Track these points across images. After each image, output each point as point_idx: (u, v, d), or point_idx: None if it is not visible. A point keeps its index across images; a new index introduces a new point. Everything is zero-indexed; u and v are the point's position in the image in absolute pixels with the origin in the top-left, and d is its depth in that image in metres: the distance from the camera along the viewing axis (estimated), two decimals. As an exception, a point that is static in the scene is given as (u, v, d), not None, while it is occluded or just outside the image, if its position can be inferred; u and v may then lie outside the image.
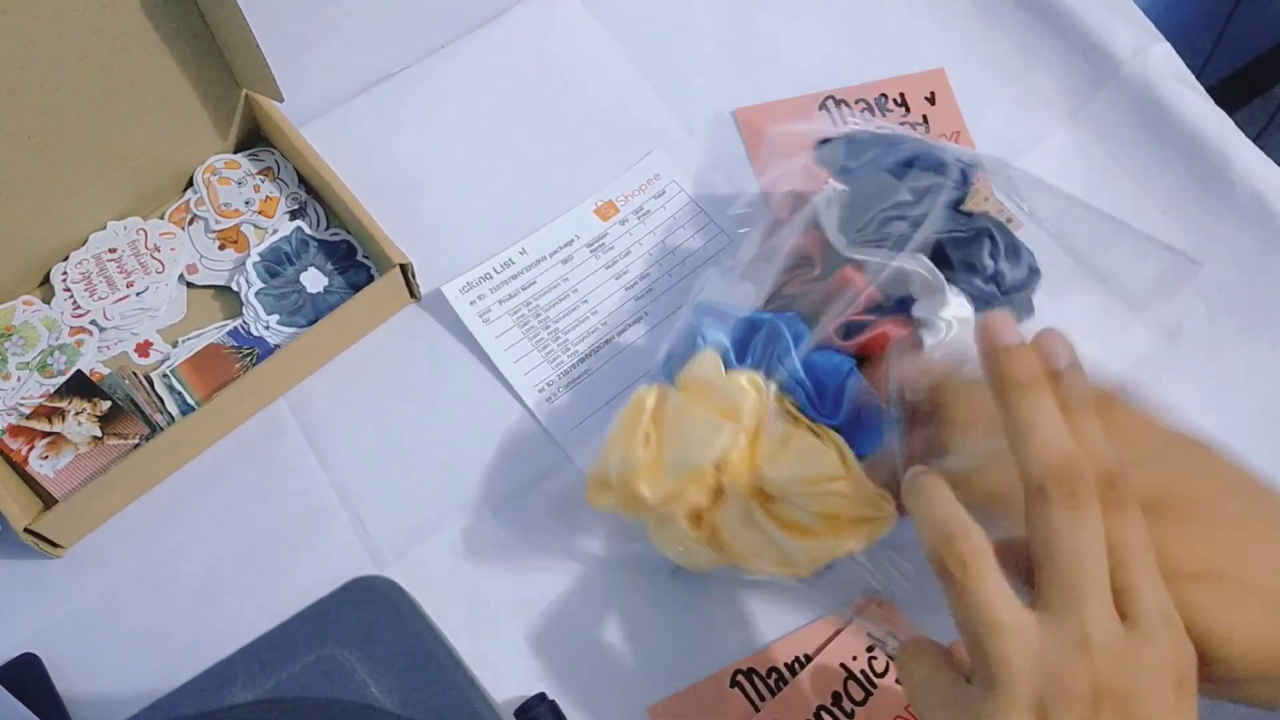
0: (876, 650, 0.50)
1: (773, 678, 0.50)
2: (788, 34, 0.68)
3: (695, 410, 0.46)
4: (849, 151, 0.54)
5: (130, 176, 0.60)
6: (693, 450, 0.45)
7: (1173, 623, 0.33)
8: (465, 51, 0.67)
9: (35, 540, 0.52)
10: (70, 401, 0.56)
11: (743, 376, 0.47)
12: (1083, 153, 0.63)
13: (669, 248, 0.61)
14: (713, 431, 0.45)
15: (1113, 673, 0.32)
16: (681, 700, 0.50)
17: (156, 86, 0.57)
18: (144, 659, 0.52)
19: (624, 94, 0.66)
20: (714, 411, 0.46)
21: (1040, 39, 0.66)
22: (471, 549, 0.54)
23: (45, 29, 0.50)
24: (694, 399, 0.47)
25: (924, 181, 0.50)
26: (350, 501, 0.55)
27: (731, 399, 0.46)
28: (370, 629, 0.48)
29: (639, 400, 0.48)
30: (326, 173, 0.59)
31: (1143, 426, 0.39)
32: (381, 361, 0.59)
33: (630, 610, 0.52)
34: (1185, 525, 0.36)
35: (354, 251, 0.61)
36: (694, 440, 0.46)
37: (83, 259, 0.60)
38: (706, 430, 0.45)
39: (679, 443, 0.46)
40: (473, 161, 0.64)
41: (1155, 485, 0.36)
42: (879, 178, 0.51)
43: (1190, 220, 0.60)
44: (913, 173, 0.51)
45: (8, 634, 0.53)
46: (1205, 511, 0.37)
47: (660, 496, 0.46)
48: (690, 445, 0.46)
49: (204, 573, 0.54)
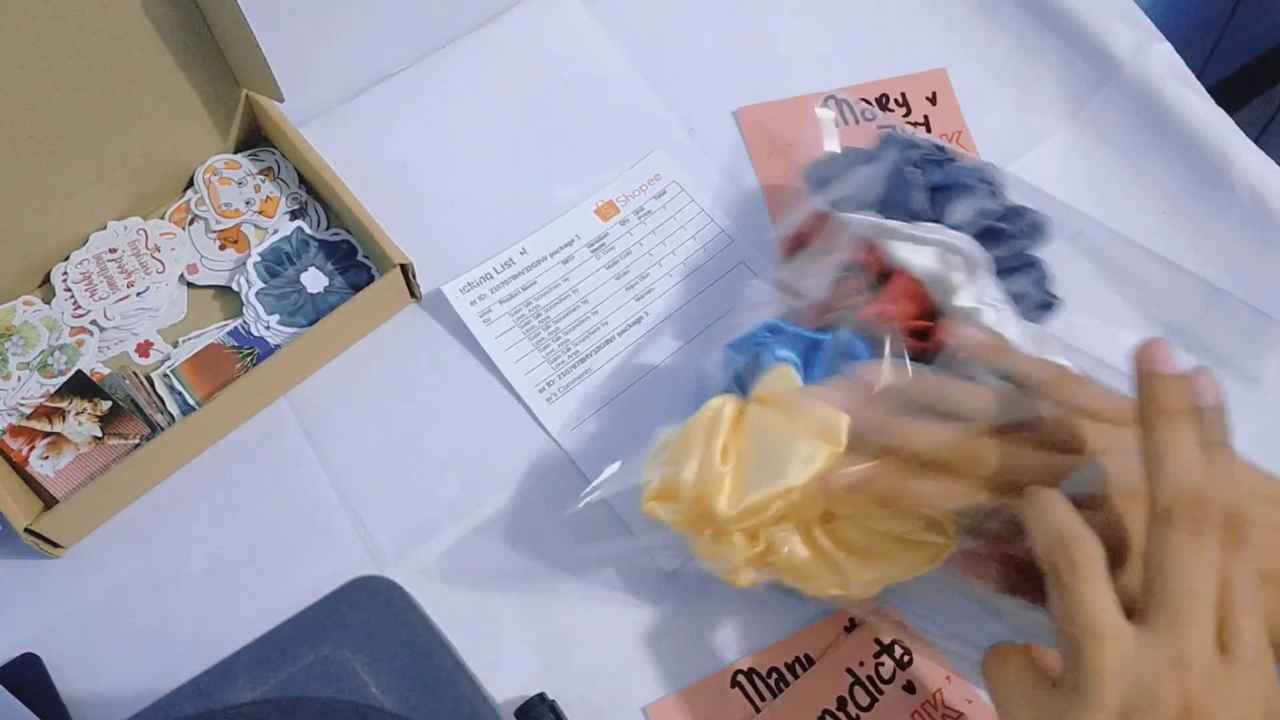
0: (884, 656, 0.50)
1: (773, 678, 0.50)
2: (789, 34, 0.68)
3: (783, 427, 0.44)
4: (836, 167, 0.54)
5: (130, 176, 0.60)
6: (783, 469, 0.43)
7: (1268, 666, 0.34)
8: (465, 51, 0.67)
9: (35, 540, 0.52)
10: (71, 401, 0.56)
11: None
12: (1083, 153, 0.63)
13: (670, 248, 0.61)
14: (809, 451, 0.43)
15: (1204, 697, 0.33)
16: (681, 700, 0.50)
17: (156, 86, 0.57)
18: (144, 659, 0.52)
19: (624, 94, 0.66)
20: (802, 430, 0.44)
21: (1040, 39, 0.66)
22: (471, 549, 0.54)
23: (45, 29, 0.50)
24: (778, 415, 0.45)
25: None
26: (350, 501, 0.55)
27: (822, 419, 0.44)
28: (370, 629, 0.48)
29: (715, 410, 0.46)
30: (326, 173, 0.59)
31: (1260, 481, 0.40)
32: (382, 361, 0.59)
33: (630, 610, 0.52)
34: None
35: (354, 251, 0.61)
36: (784, 458, 0.43)
37: (83, 259, 0.60)
38: (801, 449, 0.43)
39: (766, 459, 0.44)
40: (473, 161, 0.64)
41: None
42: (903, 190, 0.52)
43: (1190, 220, 0.60)
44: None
45: (8, 634, 0.53)
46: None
47: (738, 513, 0.44)
48: (780, 463, 0.43)
49: (204, 573, 0.54)
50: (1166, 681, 0.33)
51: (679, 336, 0.58)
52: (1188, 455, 0.35)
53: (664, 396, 0.57)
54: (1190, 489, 0.35)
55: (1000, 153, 0.62)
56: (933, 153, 0.53)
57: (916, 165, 0.52)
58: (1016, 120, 0.64)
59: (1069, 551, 0.35)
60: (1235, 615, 0.34)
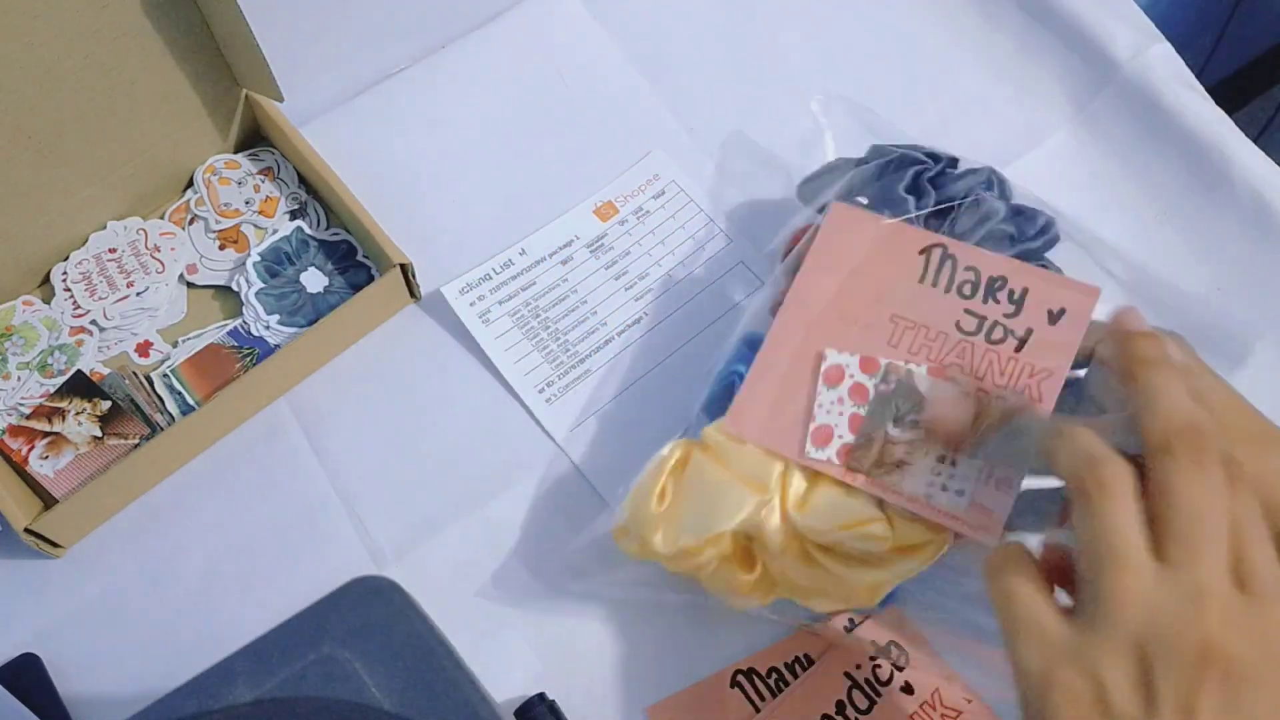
0: (880, 659, 0.50)
1: (773, 678, 0.50)
2: (788, 34, 0.68)
3: (715, 474, 0.46)
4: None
5: (130, 176, 0.60)
6: (711, 515, 0.45)
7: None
8: (465, 51, 0.67)
9: (35, 540, 0.52)
10: (70, 401, 0.56)
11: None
12: (1083, 153, 0.63)
13: (669, 248, 0.61)
14: (736, 501, 0.45)
15: (1226, 632, 0.31)
16: (681, 700, 0.50)
17: (156, 86, 0.57)
18: (144, 659, 0.52)
19: (624, 94, 0.66)
20: (736, 477, 0.46)
21: (1040, 39, 0.66)
22: (471, 549, 0.54)
23: (45, 29, 0.50)
24: (715, 460, 0.47)
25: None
26: (350, 501, 0.55)
27: (754, 468, 0.46)
28: (370, 629, 0.48)
29: (664, 455, 0.48)
30: (326, 173, 0.59)
31: (1247, 418, 0.40)
32: (381, 362, 0.59)
33: (630, 610, 0.52)
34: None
35: (354, 251, 0.61)
36: (713, 505, 0.46)
37: (83, 259, 0.60)
38: (729, 497, 0.45)
39: (698, 504, 0.46)
40: (473, 161, 0.64)
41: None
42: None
43: (1190, 220, 0.60)
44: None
45: (8, 634, 0.53)
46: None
47: (673, 551, 0.46)
48: (709, 509, 0.46)
49: (204, 573, 0.54)
50: (1185, 615, 0.31)
51: (678, 336, 0.58)
52: (1179, 393, 0.35)
53: (664, 396, 0.57)
54: (1186, 420, 0.34)
55: (1000, 153, 0.61)
56: (925, 161, 0.52)
57: (909, 165, 0.52)
58: (1016, 120, 0.64)
59: (1098, 472, 0.33)
60: (1249, 548, 0.32)
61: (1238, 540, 0.33)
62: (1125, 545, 0.32)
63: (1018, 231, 0.51)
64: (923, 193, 0.51)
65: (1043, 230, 0.52)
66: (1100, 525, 0.33)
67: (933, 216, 0.51)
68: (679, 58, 0.67)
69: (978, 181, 0.52)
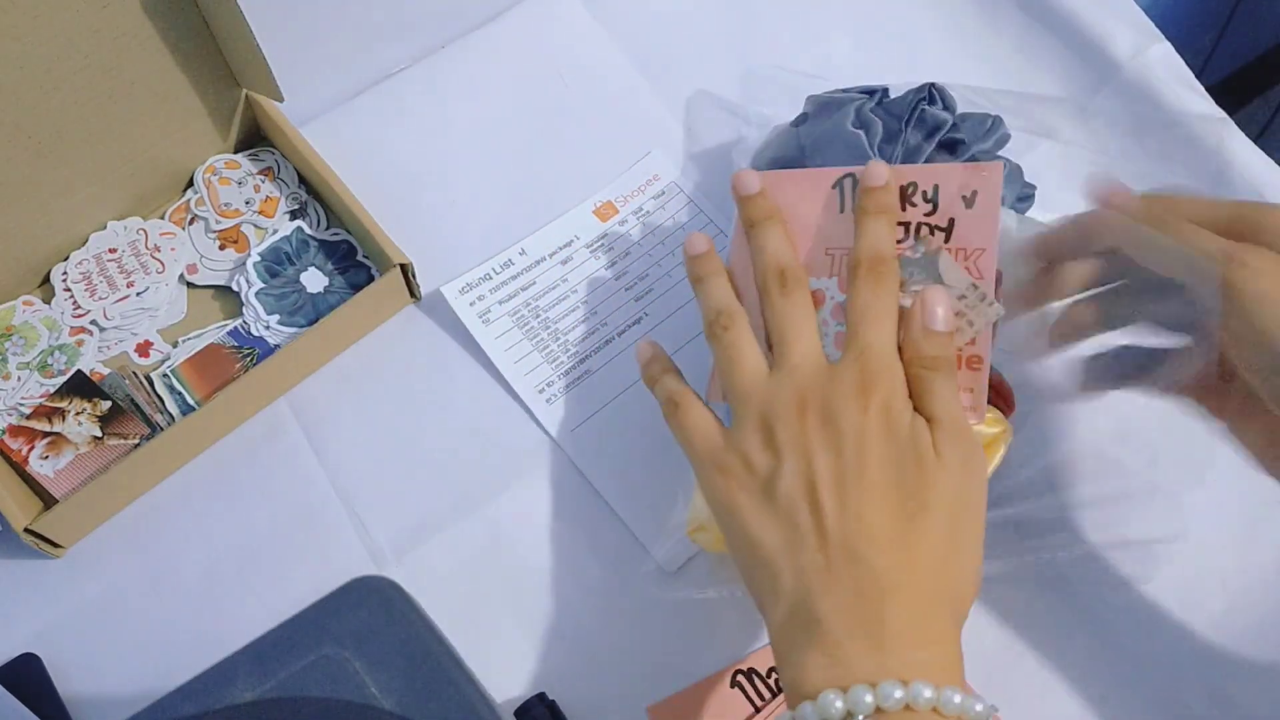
0: None
1: (773, 677, 0.50)
2: (788, 34, 0.68)
3: None
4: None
5: (130, 176, 0.60)
6: None
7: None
8: (465, 51, 0.67)
9: (35, 540, 0.52)
10: (70, 401, 0.56)
11: None
12: (1083, 153, 0.63)
13: (669, 248, 0.61)
14: None
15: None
16: (681, 700, 0.50)
17: (156, 86, 0.57)
18: (144, 659, 0.52)
19: (624, 94, 0.66)
20: None
21: (1040, 39, 0.66)
22: (471, 549, 0.54)
23: (45, 29, 0.50)
24: None
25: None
26: (350, 501, 0.55)
27: None
28: (370, 629, 0.48)
29: None
30: (326, 173, 0.59)
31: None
32: (381, 362, 0.59)
33: (630, 610, 0.52)
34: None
35: (354, 251, 0.61)
36: None
37: (83, 259, 0.60)
38: None
39: None
40: (472, 161, 0.64)
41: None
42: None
43: (1190, 220, 0.60)
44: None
45: (8, 634, 0.53)
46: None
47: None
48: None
49: (204, 573, 0.54)
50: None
51: (679, 336, 0.58)
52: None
53: (664, 396, 0.57)
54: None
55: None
56: (861, 96, 0.55)
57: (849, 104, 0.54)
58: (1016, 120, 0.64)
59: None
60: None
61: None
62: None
63: (969, 135, 0.54)
64: (869, 124, 0.53)
65: (991, 129, 0.54)
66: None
67: (885, 143, 0.53)
68: (679, 58, 0.67)
69: (919, 98, 0.54)
